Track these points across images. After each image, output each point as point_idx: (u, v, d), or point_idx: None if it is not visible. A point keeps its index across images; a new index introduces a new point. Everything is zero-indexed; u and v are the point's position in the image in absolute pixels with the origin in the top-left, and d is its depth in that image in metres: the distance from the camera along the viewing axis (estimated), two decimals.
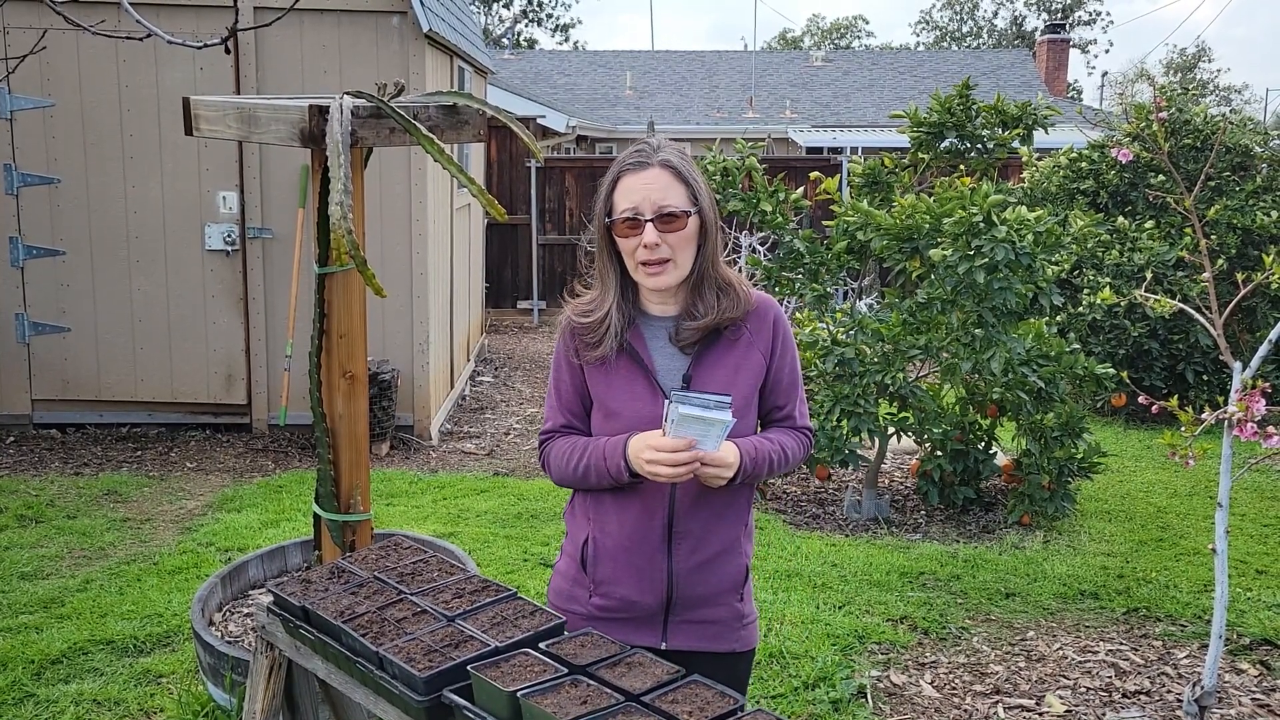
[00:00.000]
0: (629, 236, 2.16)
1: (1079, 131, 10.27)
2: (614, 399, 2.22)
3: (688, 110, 26.01)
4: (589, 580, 2.27)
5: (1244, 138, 8.78)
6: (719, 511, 2.23)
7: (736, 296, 2.22)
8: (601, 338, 2.22)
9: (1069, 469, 5.74)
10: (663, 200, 2.13)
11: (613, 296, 2.23)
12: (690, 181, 2.17)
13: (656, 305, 2.26)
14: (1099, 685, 4.05)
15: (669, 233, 2.14)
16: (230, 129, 2.75)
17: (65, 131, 6.74)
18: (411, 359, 7.11)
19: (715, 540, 2.23)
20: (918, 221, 5.59)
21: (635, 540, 2.22)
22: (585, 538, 2.28)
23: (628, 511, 2.22)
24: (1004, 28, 49.46)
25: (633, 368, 2.22)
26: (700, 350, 2.21)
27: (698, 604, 2.25)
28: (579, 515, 2.32)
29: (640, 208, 2.14)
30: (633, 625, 2.25)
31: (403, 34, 6.75)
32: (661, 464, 2.06)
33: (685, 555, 2.22)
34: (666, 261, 2.15)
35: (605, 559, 2.25)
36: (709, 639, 2.26)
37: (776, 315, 2.27)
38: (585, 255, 2.46)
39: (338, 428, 2.77)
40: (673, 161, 2.17)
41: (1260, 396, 3.22)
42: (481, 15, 40.82)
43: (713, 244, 2.21)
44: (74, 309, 6.89)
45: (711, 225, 2.20)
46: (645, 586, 2.23)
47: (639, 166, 2.16)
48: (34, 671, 3.93)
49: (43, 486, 6.07)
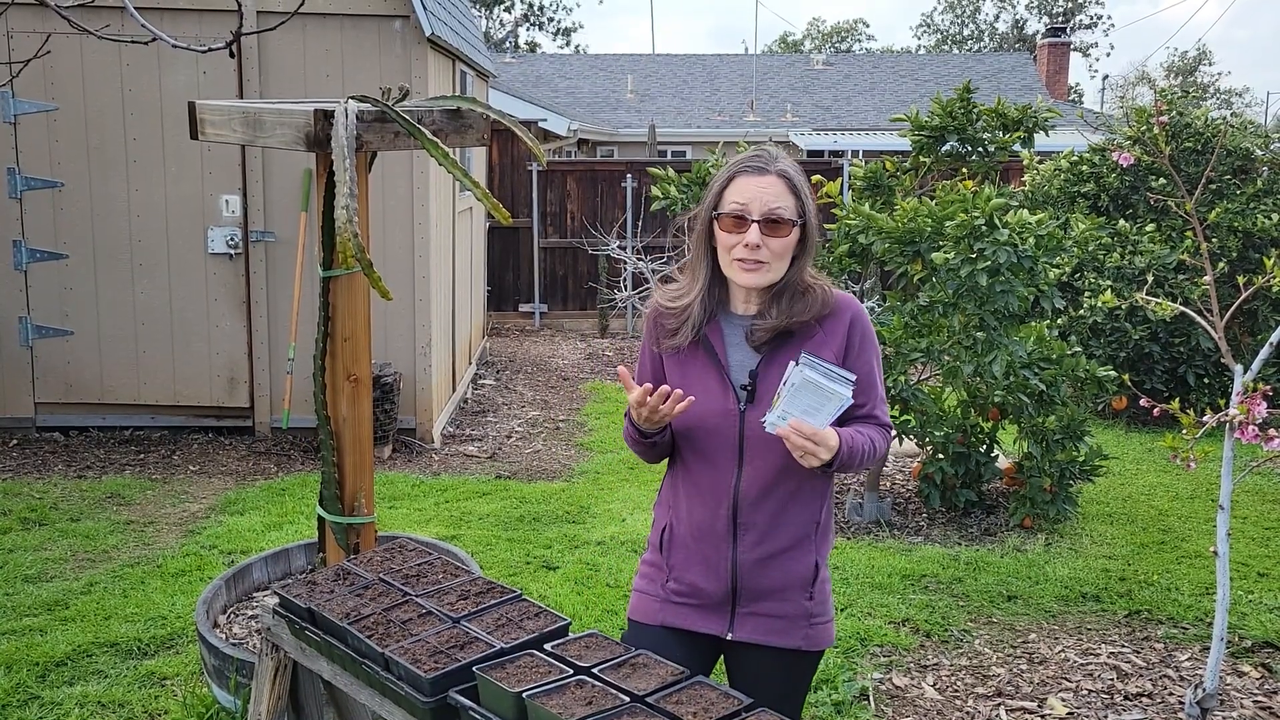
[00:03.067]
0: (732, 232, 2.23)
1: (1080, 135, 10.29)
2: (687, 389, 2.27)
3: (689, 113, 26.04)
4: (666, 565, 2.36)
5: (1245, 141, 8.79)
6: (784, 506, 2.27)
7: (813, 299, 2.27)
8: (680, 325, 2.31)
9: (1070, 472, 5.75)
10: (774, 205, 2.21)
11: (699, 289, 2.31)
12: (801, 195, 2.25)
13: (740, 304, 2.32)
14: (1101, 687, 4.06)
15: (772, 238, 2.21)
16: (235, 133, 2.77)
17: (68, 135, 6.75)
18: (414, 362, 7.12)
19: (782, 534, 2.28)
20: (919, 224, 5.60)
21: (703, 529, 2.30)
22: (665, 525, 2.38)
23: (695, 501, 2.31)
24: (1005, 31, 49.49)
25: (707, 362, 2.29)
26: (771, 349, 2.27)
27: (763, 596, 2.29)
28: (663, 504, 2.42)
29: (750, 207, 2.21)
30: (702, 612, 2.32)
31: (405, 38, 6.76)
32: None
33: (749, 547, 2.27)
34: (763, 264, 2.22)
35: (679, 546, 2.34)
36: (774, 633, 2.30)
37: (855, 314, 2.31)
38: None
39: (342, 430, 2.78)
40: (788, 172, 2.25)
41: (1261, 399, 3.23)
42: (483, 19, 40.85)
43: (806, 258, 2.29)
44: (77, 312, 6.91)
45: (811, 240, 2.28)
46: (711, 575, 2.30)
47: (757, 171, 2.24)
48: (38, 674, 3.94)
49: (46, 489, 6.08)
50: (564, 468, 6.98)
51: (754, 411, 2.23)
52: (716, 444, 2.27)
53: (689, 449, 2.31)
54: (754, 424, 2.23)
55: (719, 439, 2.27)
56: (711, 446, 2.28)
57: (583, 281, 12.94)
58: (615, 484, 6.52)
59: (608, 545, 5.40)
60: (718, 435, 2.26)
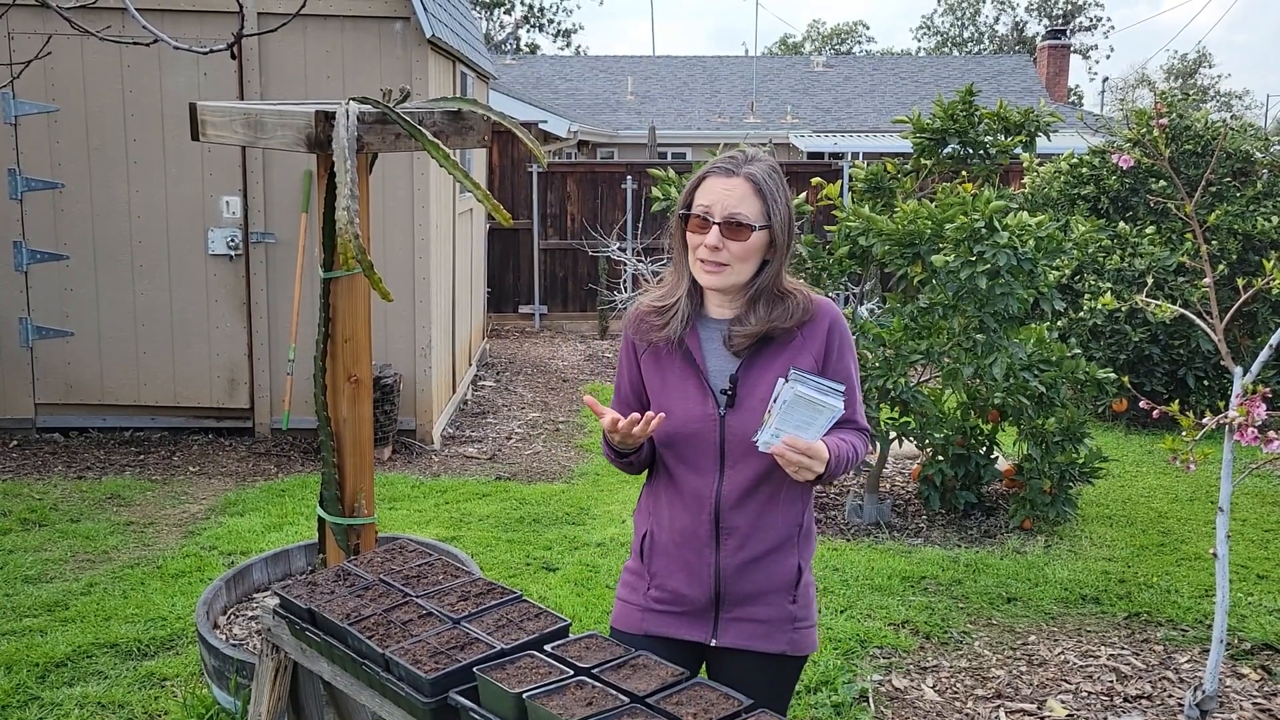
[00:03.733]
0: (695, 233, 2.24)
1: (1080, 137, 10.29)
2: (667, 396, 2.28)
3: (689, 115, 26.05)
4: (647, 573, 2.36)
5: (1245, 143, 8.79)
6: (765, 509, 2.27)
7: (793, 306, 2.26)
8: (669, 320, 2.30)
9: (1070, 474, 5.75)
10: (735, 209, 2.20)
11: (685, 285, 2.32)
12: (769, 199, 2.23)
13: (716, 307, 2.32)
14: (1100, 690, 4.06)
15: (733, 240, 2.20)
16: (236, 134, 2.77)
17: (69, 136, 6.76)
18: (414, 363, 7.12)
19: (764, 538, 2.27)
20: (920, 227, 5.61)
21: (685, 535, 2.29)
22: (645, 532, 2.37)
23: (677, 507, 2.30)
24: (1005, 33, 49.51)
25: (686, 366, 2.29)
26: (750, 354, 2.26)
27: (746, 601, 2.28)
28: (642, 510, 2.42)
29: (712, 210, 2.21)
30: (685, 619, 2.31)
31: (406, 40, 6.77)
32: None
33: (732, 551, 2.26)
34: (724, 266, 2.22)
35: (660, 553, 2.34)
36: (758, 638, 2.29)
37: (833, 320, 2.31)
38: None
39: (342, 431, 2.79)
40: (756, 176, 2.23)
41: (1261, 401, 3.23)
42: (483, 21, 40.88)
43: (779, 262, 2.26)
44: (77, 313, 6.91)
45: (781, 244, 2.26)
46: (694, 581, 2.29)
47: (725, 173, 2.24)
48: (38, 674, 3.94)
49: (46, 490, 6.08)
50: (564, 469, 6.98)
51: (734, 416, 2.23)
52: (697, 449, 2.26)
53: (670, 455, 2.31)
54: (735, 429, 2.22)
55: (700, 444, 2.26)
56: (692, 452, 2.27)
57: (583, 283, 12.95)
58: (615, 485, 6.52)
59: (607, 547, 5.40)
60: (698, 441, 2.26)
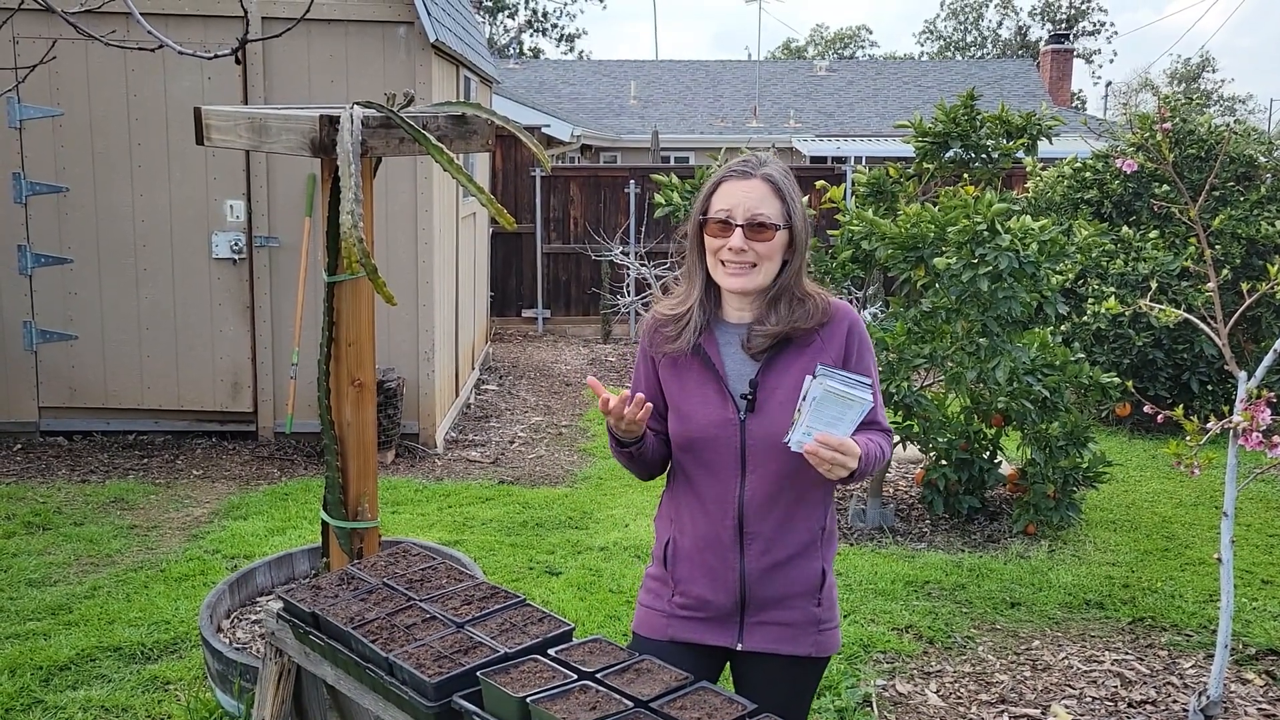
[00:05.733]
0: (718, 237, 2.24)
1: (1083, 141, 10.29)
2: (686, 401, 2.28)
3: (692, 119, 26.06)
4: (671, 579, 2.35)
5: (1248, 148, 8.78)
6: (789, 513, 2.27)
7: (813, 307, 2.27)
8: (681, 330, 2.30)
9: (1074, 478, 5.74)
10: (757, 209, 2.22)
11: (697, 293, 2.31)
12: (787, 199, 2.25)
13: (734, 311, 2.32)
14: (1104, 695, 4.05)
15: (757, 241, 2.21)
16: (241, 139, 2.77)
17: (74, 140, 6.77)
18: (417, 367, 7.12)
19: (788, 543, 2.27)
20: (922, 230, 5.61)
21: (708, 541, 2.29)
22: (668, 539, 2.37)
23: (700, 513, 2.30)
24: (1008, 38, 49.51)
25: (705, 371, 2.29)
26: (769, 357, 2.26)
27: (771, 605, 2.29)
28: (663, 517, 2.41)
29: (734, 212, 2.22)
30: (710, 624, 2.31)
31: (409, 44, 6.78)
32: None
33: (757, 556, 2.26)
34: (752, 266, 2.23)
35: (683, 559, 2.33)
36: (784, 641, 2.30)
37: (852, 322, 2.31)
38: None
39: (346, 435, 2.79)
40: (774, 176, 2.25)
41: (1265, 406, 3.23)
42: (487, 25, 40.92)
43: (799, 262, 2.28)
44: (81, 317, 6.92)
45: (800, 244, 2.27)
46: (719, 586, 2.29)
47: (742, 175, 2.25)
48: (42, 678, 3.95)
49: (50, 493, 6.09)
50: (567, 473, 6.98)
51: (755, 420, 2.23)
52: (718, 454, 2.26)
53: (690, 460, 2.30)
54: (755, 433, 2.22)
55: (720, 449, 2.26)
56: (713, 457, 2.27)
57: (586, 287, 12.95)
58: (618, 489, 6.52)
59: (611, 551, 5.40)
60: (719, 445, 2.26)
